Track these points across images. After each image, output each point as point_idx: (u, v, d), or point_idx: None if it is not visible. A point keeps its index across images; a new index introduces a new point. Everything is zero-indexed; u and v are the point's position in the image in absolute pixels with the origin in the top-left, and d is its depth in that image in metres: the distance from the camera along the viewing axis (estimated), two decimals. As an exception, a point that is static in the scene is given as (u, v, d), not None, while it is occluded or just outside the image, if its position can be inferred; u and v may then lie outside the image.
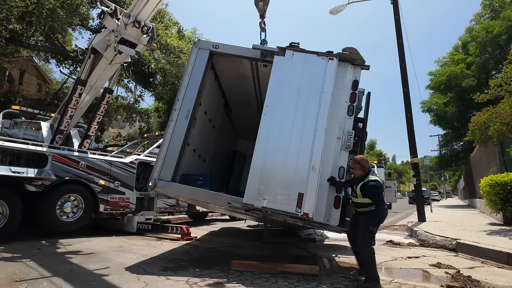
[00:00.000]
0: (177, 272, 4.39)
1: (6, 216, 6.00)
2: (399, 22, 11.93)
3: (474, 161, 19.14)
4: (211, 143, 7.50)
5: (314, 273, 4.41)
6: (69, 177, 6.95)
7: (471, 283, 4.14)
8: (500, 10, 21.81)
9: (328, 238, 8.24)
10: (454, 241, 6.71)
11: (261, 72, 6.08)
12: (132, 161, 8.19)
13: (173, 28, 19.54)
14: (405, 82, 11.63)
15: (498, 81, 9.66)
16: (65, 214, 6.91)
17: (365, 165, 4.24)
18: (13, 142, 6.54)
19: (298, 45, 5.09)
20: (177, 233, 7.46)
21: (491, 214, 11.44)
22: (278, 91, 4.86)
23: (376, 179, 4.13)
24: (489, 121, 9.49)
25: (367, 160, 4.35)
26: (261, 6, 5.82)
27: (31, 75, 24.08)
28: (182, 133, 5.17)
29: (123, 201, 7.81)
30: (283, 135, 4.64)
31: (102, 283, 3.84)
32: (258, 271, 4.49)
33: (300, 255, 6.03)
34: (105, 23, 6.72)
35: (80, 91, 7.72)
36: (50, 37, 15.48)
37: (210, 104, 6.68)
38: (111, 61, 7.38)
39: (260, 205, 4.44)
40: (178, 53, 16.94)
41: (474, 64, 23.25)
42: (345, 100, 4.77)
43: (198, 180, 5.50)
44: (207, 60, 5.42)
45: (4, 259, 4.78)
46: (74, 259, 4.99)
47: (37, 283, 3.71)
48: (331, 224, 4.45)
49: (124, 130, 27.32)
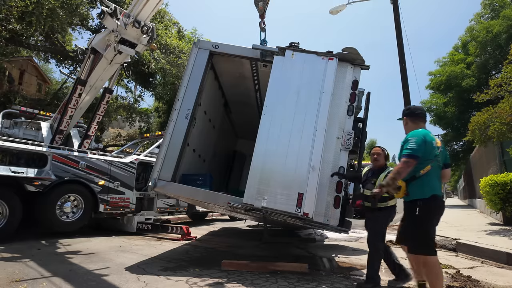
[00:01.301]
0: (177, 272, 4.39)
1: (6, 216, 6.00)
2: (399, 22, 11.92)
3: (474, 161, 19.13)
4: (211, 143, 7.50)
5: (303, 271, 4.49)
6: (69, 177, 6.95)
7: (471, 283, 4.14)
8: (500, 10, 21.80)
9: (328, 238, 8.25)
10: (454, 241, 6.71)
11: (261, 72, 6.08)
12: (132, 161, 8.19)
13: (173, 28, 19.55)
14: (405, 82, 11.62)
15: (498, 81, 9.66)
16: (65, 214, 6.91)
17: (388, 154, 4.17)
18: (13, 142, 6.54)
19: (298, 45, 5.08)
20: (177, 233, 7.46)
21: (491, 214, 11.44)
22: (278, 91, 4.86)
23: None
24: (489, 121, 9.49)
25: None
26: (261, 6, 5.82)
27: (31, 75, 24.08)
28: (182, 133, 5.17)
29: (123, 201, 7.81)
30: (283, 135, 4.64)
31: (102, 283, 3.84)
32: (249, 271, 4.49)
33: (300, 255, 6.03)
34: (105, 23, 6.72)
35: (80, 91, 7.72)
36: (50, 37, 15.48)
37: (210, 104, 6.69)
38: (111, 61, 7.38)
39: (260, 205, 4.44)
40: (178, 53, 16.94)
41: (474, 64, 23.25)
42: (345, 100, 4.76)
43: (198, 180, 5.50)
44: (207, 60, 5.42)
45: (4, 259, 4.78)
46: (74, 259, 4.99)
47: (37, 283, 3.71)
48: (331, 224, 4.44)
49: (124, 130, 27.33)
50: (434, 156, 3.07)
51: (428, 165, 3.06)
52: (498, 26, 20.72)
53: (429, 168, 3.05)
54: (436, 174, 3.11)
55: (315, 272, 4.62)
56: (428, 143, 3.06)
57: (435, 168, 3.09)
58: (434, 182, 3.08)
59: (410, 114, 3.42)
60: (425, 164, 3.06)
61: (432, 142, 3.08)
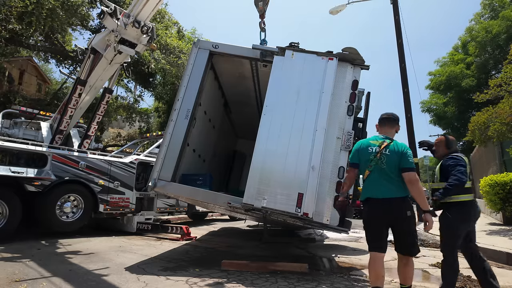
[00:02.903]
0: (177, 272, 4.39)
1: (6, 216, 5.99)
2: (399, 22, 11.93)
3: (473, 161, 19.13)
4: (211, 143, 7.50)
5: (303, 271, 4.49)
6: (69, 177, 6.94)
7: (470, 283, 4.14)
8: (500, 10, 21.82)
9: (328, 238, 8.25)
10: (454, 241, 6.70)
11: (260, 72, 6.08)
12: (132, 161, 8.18)
13: (173, 28, 19.54)
14: (405, 82, 11.62)
15: (498, 81, 9.67)
16: (64, 214, 6.91)
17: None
18: (13, 142, 6.53)
19: (297, 45, 5.08)
20: (177, 233, 7.46)
21: (491, 214, 11.44)
22: (277, 91, 4.86)
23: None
24: (488, 121, 9.49)
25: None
26: (260, 6, 5.82)
27: (31, 75, 24.06)
28: (182, 133, 5.17)
29: (123, 201, 7.80)
30: (283, 135, 4.64)
31: (101, 283, 3.84)
32: (249, 271, 4.49)
33: (300, 255, 6.03)
34: (105, 23, 6.72)
35: (80, 91, 7.71)
36: (50, 37, 15.47)
37: (210, 104, 6.68)
38: (110, 61, 7.37)
39: (260, 205, 4.44)
40: (178, 53, 16.93)
41: (474, 64, 23.27)
42: (345, 100, 4.76)
43: (198, 180, 5.50)
44: (206, 60, 5.42)
45: (4, 259, 4.78)
46: (73, 259, 4.99)
47: (36, 283, 3.71)
48: (331, 224, 4.44)
49: (124, 130, 27.32)
50: (369, 161, 3.15)
51: (366, 170, 3.17)
52: (497, 26, 20.74)
53: (368, 173, 3.15)
54: (376, 177, 3.12)
55: (315, 272, 4.63)
56: (361, 150, 3.24)
57: (374, 171, 3.13)
58: (368, 186, 3.17)
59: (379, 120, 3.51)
60: (363, 170, 3.23)
61: (367, 148, 3.20)
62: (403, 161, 3.06)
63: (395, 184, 3.05)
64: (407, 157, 3.05)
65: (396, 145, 3.14)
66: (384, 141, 3.17)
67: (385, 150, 3.11)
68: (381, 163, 3.10)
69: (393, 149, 3.11)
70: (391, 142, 3.17)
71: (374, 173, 3.13)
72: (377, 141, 3.21)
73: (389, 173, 3.07)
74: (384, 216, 3.06)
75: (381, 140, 3.20)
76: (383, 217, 3.07)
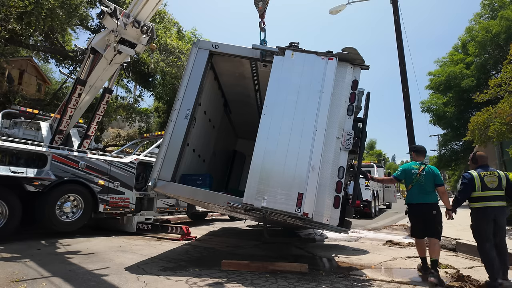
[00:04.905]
0: (176, 272, 4.39)
1: (6, 216, 6.00)
2: (398, 22, 11.93)
3: (473, 161, 19.12)
4: (210, 143, 7.49)
5: (303, 271, 4.49)
6: (69, 177, 6.94)
7: (470, 282, 4.14)
8: (499, 10, 21.82)
9: (328, 238, 8.24)
10: (454, 240, 6.71)
11: (260, 72, 6.08)
12: (131, 161, 8.18)
13: (173, 28, 19.54)
14: (405, 82, 11.63)
15: (498, 81, 9.68)
16: (64, 214, 6.91)
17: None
18: (12, 142, 6.53)
19: (297, 45, 5.09)
20: (176, 233, 7.46)
21: (491, 214, 11.42)
22: (277, 91, 4.86)
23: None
24: (488, 121, 9.50)
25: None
26: (260, 6, 5.82)
27: (31, 75, 24.06)
28: (182, 133, 5.17)
29: (122, 201, 7.80)
30: (283, 135, 4.65)
31: (101, 283, 3.84)
32: (249, 270, 4.49)
33: (300, 255, 6.03)
34: (105, 23, 6.72)
35: (79, 91, 7.71)
36: (50, 37, 15.48)
37: (209, 104, 6.68)
38: (110, 61, 7.37)
39: (260, 205, 4.44)
40: (177, 54, 16.93)
41: (474, 64, 23.26)
42: (345, 100, 4.76)
43: (198, 180, 5.50)
44: (206, 60, 5.42)
45: (4, 259, 4.78)
46: (73, 259, 4.99)
47: (36, 283, 3.71)
48: (331, 224, 4.44)
49: (124, 130, 27.32)
50: (411, 179, 4.60)
51: (409, 184, 4.63)
52: (497, 26, 20.73)
53: (410, 186, 4.62)
54: (416, 189, 4.56)
55: (315, 272, 4.62)
56: (407, 171, 4.69)
57: (415, 186, 4.57)
58: (411, 195, 4.61)
59: (414, 150, 5.12)
60: (407, 184, 4.71)
61: (411, 171, 4.64)
62: (437, 179, 4.54)
63: (428, 194, 4.51)
64: (439, 177, 4.59)
65: (430, 168, 4.59)
66: (421, 166, 4.63)
67: (422, 171, 4.56)
68: (420, 180, 4.53)
69: (429, 170, 4.56)
70: (425, 166, 4.62)
71: (414, 187, 4.56)
72: (416, 166, 4.66)
73: (425, 187, 4.51)
74: (422, 214, 4.54)
75: (419, 165, 4.66)
76: (421, 214, 4.55)
